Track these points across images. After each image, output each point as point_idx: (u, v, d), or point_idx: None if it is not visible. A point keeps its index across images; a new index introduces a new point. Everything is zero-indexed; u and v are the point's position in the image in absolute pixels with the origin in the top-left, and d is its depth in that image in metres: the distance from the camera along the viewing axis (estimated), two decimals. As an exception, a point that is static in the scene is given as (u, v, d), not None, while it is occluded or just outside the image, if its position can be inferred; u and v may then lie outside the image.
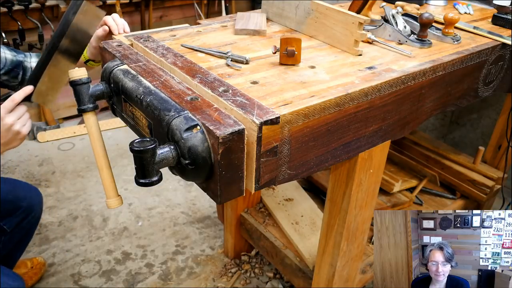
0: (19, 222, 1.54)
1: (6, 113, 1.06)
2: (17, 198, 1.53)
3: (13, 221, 1.53)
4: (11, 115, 1.07)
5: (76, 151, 2.77)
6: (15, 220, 1.53)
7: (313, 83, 0.96)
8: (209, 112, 0.83)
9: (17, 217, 1.53)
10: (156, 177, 0.80)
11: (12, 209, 1.51)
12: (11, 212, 1.52)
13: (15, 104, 1.07)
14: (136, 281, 1.88)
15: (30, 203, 1.56)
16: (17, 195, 1.53)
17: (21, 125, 1.08)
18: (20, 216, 1.54)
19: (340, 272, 1.37)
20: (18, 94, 1.08)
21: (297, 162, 0.91)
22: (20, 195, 1.54)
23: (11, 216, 1.52)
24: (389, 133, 1.09)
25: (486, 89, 1.35)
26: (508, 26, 1.41)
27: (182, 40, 1.19)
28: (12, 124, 1.06)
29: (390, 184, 1.86)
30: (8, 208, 1.50)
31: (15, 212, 1.52)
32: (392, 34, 1.23)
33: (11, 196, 1.51)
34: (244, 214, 1.84)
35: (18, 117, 1.08)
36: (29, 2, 2.60)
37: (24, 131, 1.09)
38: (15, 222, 1.53)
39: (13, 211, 1.52)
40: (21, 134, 1.09)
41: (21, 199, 1.54)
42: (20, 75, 1.29)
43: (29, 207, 1.56)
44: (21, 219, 1.55)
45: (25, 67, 1.29)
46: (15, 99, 1.07)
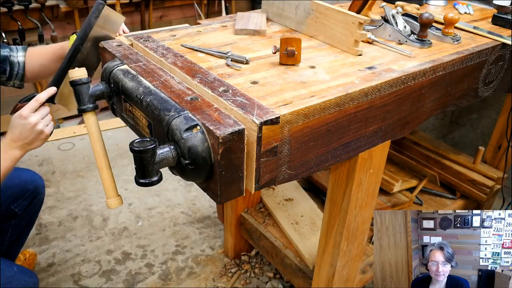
0: (28, 205, 1.59)
1: (31, 112, 1.08)
2: (25, 182, 1.58)
3: (22, 204, 1.58)
4: (35, 115, 1.08)
5: (76, 151, 2.77)
6: (24, 203, 1.58)
7: (313, 83, 0.96)
8: (209, 112, 0.83)
9: (25, 200, 1.58)
10: (156, 177, 0.80)
11: (20, 191, 1.56)
12: (20, 195, 1.56)
13: (39, 104, 1.09)
14: (136, 281, 1.88)
15: (36, 186, 1.61)
16: (24, 179, 1.58)
17: (44, 125, 1.10)
18: (28, 199, 1.59)
19: (340, 272, 1.37)
20: (42, 95, 1.09)
21: (297, 162, 0.91)
22: (26, 178, 1.59)
23: (21, 199, 1.57)
24: (389, 133, 1.09)
25: (486, 89, 1.35)
26: (508, 26, 1.41)
27: (182, 40, 1.19)
28: (36, 124, 1.08)
29: (390, 184, 1.86)
30: (17, 191, 1.55)
31: (24, 195, 1.57)
32: (392, 34, 1.23)
33: (18, 180, 1.56)
34: (244, 214, 1.84)
35: (41, 117, 1.09)
36: (29, 2, 2.60)
37: (47, 131, 1.11)
38: (24, 205, 1.58)
39: (22, 194, 1.57)
40: (44, 134, 1.10)
41: (28, 182, 1.59)
42: (8, 70, 1.29)
43: (35, 189, 1.61)
44: (29, 202, 1.60)
45: (12, 61, 1.29)
46: (39, 99, 1.09)
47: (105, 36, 1.17)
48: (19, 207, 1.57)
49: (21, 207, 1.57)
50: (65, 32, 2.92)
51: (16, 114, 1.09)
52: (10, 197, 1.53)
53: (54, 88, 1.12)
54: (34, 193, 1.60)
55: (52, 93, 1.10)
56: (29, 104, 1.08)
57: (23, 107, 1.08)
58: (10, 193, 1.53)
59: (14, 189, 1.54)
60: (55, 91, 1.11)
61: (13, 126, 1.09)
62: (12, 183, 1.53)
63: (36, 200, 1.62)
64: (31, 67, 1.31)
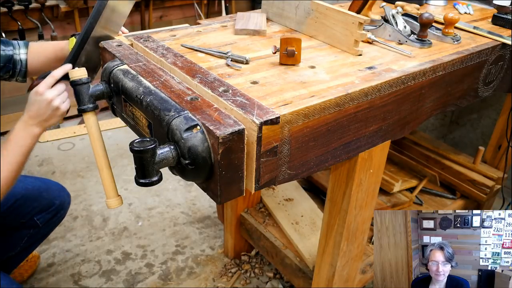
0: (49, 218, 1.61)
1: (47, 88, 1.07)
2: (52, 196, 1.60)
3: (45, 217, 1.60)
4: (52, 91, 1.08)
5: (76, 151, 2.77)
6: (47, 216, 1.60)
7: (313, 83, 0.96)
8: (209, 112, 0.83)
9: (49, 213, 1.60)
10: (156, 177, 0.80)
11: (46, 205, 1.58)
12: (45, 208, 1.59)
13: (55, 81, 1.08)
14: (136, 281, 1.88)
15: (62, 202, 1.63)
16: (52, 193, 1.61)
17: (61, 102, 1.09)
18: (52, 213, 1.61)
19: (340, 272, 1.37)
20: (57, 71, 1.09)
21: (297, 162, 0.91)
22: (55, 193, 1.61)
23: (44, 212, 1.59)
24: (389, 133, 1.09)
25: (486, 89, 1.35)
26: (508, 26, 1.41)
27: (182, 40, 1.19)
28: (52, 99, 1.07)
29: (390, 184, 1.86)
30: (43, 204, 1.57)
31: (48, 209, 1.59)
32: (392, 34, 1.23)
33: (46, 193, 1.58)
34: (244, 214, 1.84)
35: (58, 93, 1.09)
36: (29, 2, 2.60)
37: (63, 107, 1.10)
38: (46, 218, 1.60)
39: (47, 207, 1.59)
40: (60, 110, 1.10)
41: (55, 198, 1.61)
42: (11, 68, 1.30)
43: (61, 205, 1.63)
44: (52, 216, 1.61)
45: (15, 60, 1.29)
46: (55, 76, 1.08)
47: (120, 13, 1.15)
48: (41, 219, 1.58)
49: (43, 220, 1.59)
50: (65, 32, 2.92)
51: (33, 90, 1.08)
52: (35, 208, 1.55)
53: (70, 65, 1.11)
54: (58, 208, 1.62)
55: (67, 69, 1.09)
56: (45, 81, 1.07)
57: (39, 84, 1.08)
58: (37, 205, 1.55)
59: (41, 201, 1.56)
60: (71, 68, 1.10)
61: (30, 103, 1.09)
62: (41, 196, 1.56)
63: (58, 215, 1.64)
64: (33, 65, 1.31)
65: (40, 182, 1.61)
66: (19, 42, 1.32)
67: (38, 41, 2.71)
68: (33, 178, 1.62)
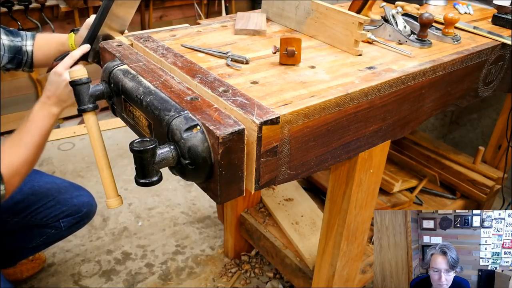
0: (73, 224, 1.62)
1: (65, 69, 1.07)
2: (81, 203, 1.61)
3: (70, 222, 1.60)
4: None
5: (76, 151, 2.77)
6: (72, 221, 1.61)
7: (313, 83, 0.96)
8: (209, 112, 0.83)
9: (74, 219, 1.61)
10: (156, 177, 0.80)
11: (73, 211, 1.59)
12: (72, 214, 1.59)
13: (73, 61, 1.08)
14: (136, 281, 1.88)
15: (88, 211, 1.64)
16: (81, 201, 1.61)
17: None
18: (77, 219, 1.62)
19: (340, 272, 1.37)
20: (76, 52, 1.09)
21: (297, 162, 0.91)
22: (83, 201, 1.62)
23: (71, 217, 1.59)
24: (389, 133, 1.09)
25: (486, 89, 1.35)
26: (508, 26, 1.41)
27: (182, 40, 1.19)
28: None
29: (390, 184, 1.86)
30: (71, 210, 1.58)
31: (75, 215, 1.60)
32: (392, 34, 1.23)
33: (77, 200, 1.59)
34: (244, 214, 1.84)
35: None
36: (29, 2, 2.60)
37: None
38: (71, 223, 1.61)
39: (74, 214, 1.60)
40: None
41: (84, 205, 1.62)
42: (20, 59, 1.31)
43: (86, 213, 1.63)
44: (76, 222, 1.62)
45: (24, 51, 1.30)
46: (73, 56, 1.08)
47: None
48: (65, 223, 1.59)
49: (67, 224, 1.60)
50: (65, 32, 2.89)
51: (52, 71, 1.09)
52: (64, 212, 1.57)
53: (88, 45, 1.11)
54: (83, 216, 1.63)
55: (85, 50, 1.09)
56: (64, 61, 1.08)
57: (58, 64, 1.08)
58: (65, 209, 1.57)
59: (69, 207, 1.57)
60: (89, 49, 1.10)
61: (49, 83, 1.09)
62: (72, 201, 1.58)
63: (82, 222, 1.65)
64: (37, 57, 1.32)
65: (73, 188, 1.62)
66: (26, 33, 1.33)
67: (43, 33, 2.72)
68: (67, 183, 1.63)
